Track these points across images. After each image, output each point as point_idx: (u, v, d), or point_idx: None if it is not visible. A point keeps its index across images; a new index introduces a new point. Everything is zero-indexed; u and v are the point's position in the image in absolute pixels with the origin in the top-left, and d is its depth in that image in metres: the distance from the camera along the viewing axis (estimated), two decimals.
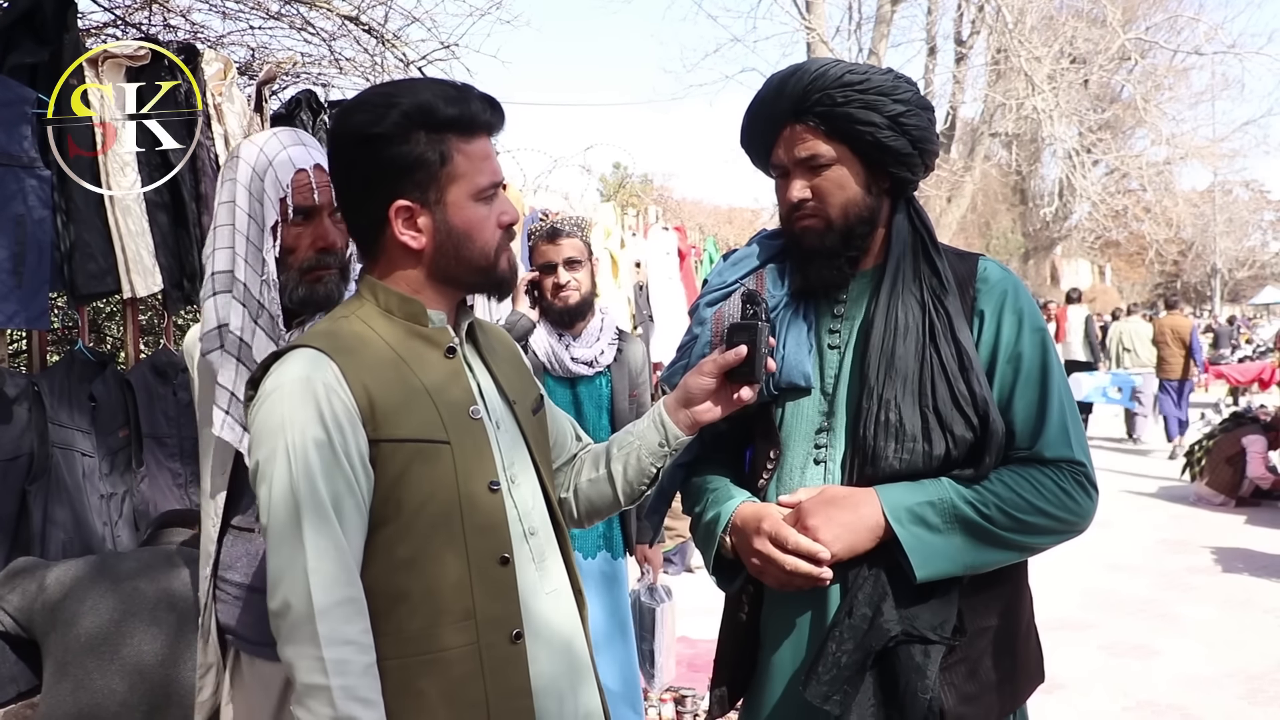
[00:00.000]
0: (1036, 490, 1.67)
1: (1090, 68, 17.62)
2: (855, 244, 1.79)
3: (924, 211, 1.86)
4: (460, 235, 1.60)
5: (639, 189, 20.62)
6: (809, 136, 1.75)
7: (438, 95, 1.57)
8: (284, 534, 1.46)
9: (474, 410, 1.61)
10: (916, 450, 1.68)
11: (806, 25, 16.00)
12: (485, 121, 1.61)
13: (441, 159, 1.56)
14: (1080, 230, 30.18)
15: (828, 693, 1.62)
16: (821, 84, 1.72)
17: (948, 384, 1.68)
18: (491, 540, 1.58)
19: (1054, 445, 1.70)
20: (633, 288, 7.77)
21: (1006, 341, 1.73)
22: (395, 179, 1.56)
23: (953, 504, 1.66)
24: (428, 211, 1.58)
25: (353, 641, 1.46)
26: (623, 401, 3.39)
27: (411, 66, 5.37)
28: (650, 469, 1.81)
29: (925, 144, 1.77)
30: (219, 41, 4.99)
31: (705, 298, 1.92)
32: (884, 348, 1.72)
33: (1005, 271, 1.82)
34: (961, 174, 19.40)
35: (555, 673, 1.65)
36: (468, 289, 1.67)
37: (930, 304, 1.73)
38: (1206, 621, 5.95)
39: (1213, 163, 21.08)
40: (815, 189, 1.76)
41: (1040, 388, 1.71)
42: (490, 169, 1.61)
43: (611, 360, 3.40)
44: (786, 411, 1.84)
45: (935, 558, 1.65)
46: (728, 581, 1.87)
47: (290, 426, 1.47)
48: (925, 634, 1.63)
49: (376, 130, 1.54)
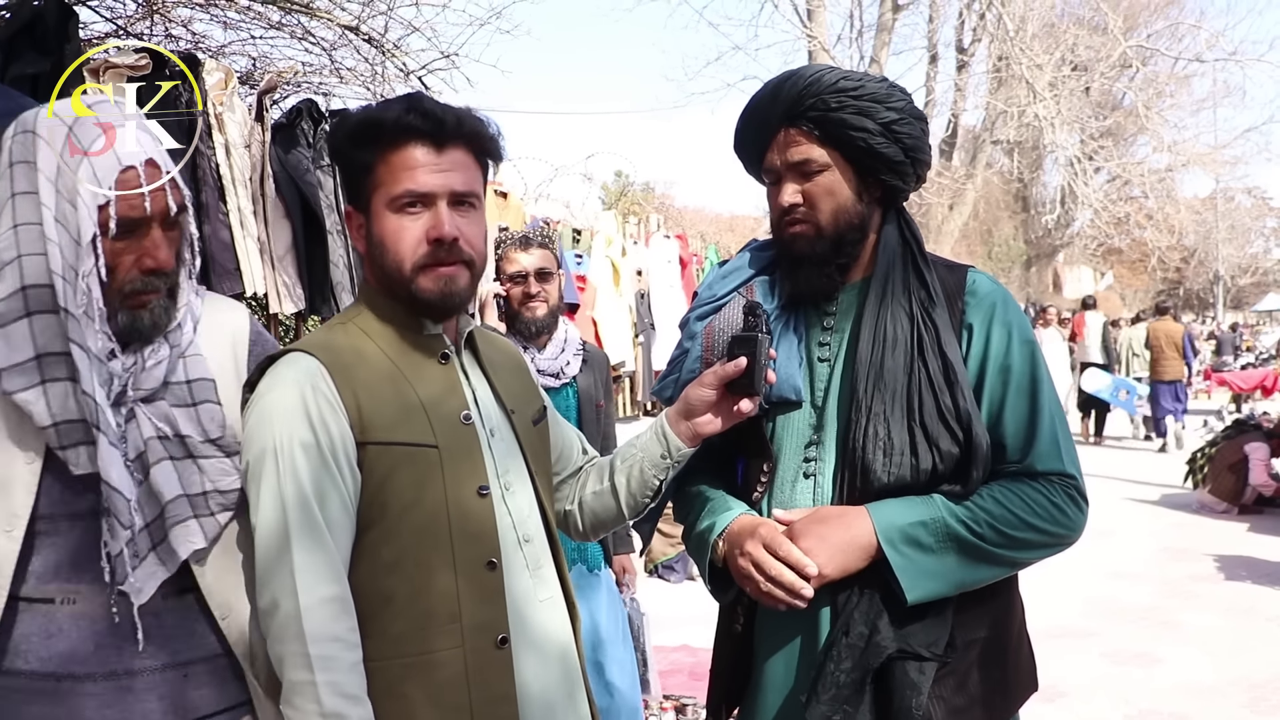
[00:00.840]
0: (1028, 506, 1.67)
1: (1092, 75, 17.65)
2: (845, 251, 1.79)
3: (914, 222, 1.86)
4: (377, 245, 1.62)
5: (640, 197, 20.64)
6: (802, 140, 1.76)
7: (385, 106, 1.61)
8: (272, 534, 1.49)
9: (465, 416, 1.63)
10: (904, 464, 1.68)
11: (808, 33, 16.05)
12: (413, 127, 1.57)
13: (366, 167, 1.60)
14: (1082, 237, 30.21)
15: (828, 712, 1.63)
16: (816, 89, 1.73)
17: (934, 398, 1.68)
18: (479, 545, 1.59)
19: (1045, 458, 1.69)
20: (634, 296, 7.78)
21: (996, 354, 1.73)
22: (346, 186, 1.67)
23: (945, 523, 1.66)
24: (361, 217, 1.64)
25: (339, 639, 1.47)
26: (590, 412, 3.34)
27: (411, 76, 5.39)
28: (654, 481, 1.82)
29: (917, 153, 1.78)
30: (220, 51, 5.02)
31: (695, 311, 1.92)
32: (872, 360, 1.72)
33: (994, 284, 1.81)
34: (963, 181, 19.42)
35: (545, 681, 1.65)
36: (401, 302, 1.63)
37: (919, 316, 1.73)
38: (1209, 629, 5.93)
39: (1215, 170, 21.09)
40: (806, 194, 1.77)
41: (1030, 400, 1.71)
42: (410, 178, 1.57)
43: (577, 371, 3.35)
44: (777, 425, 1.84)
45: (926, 579, 1.65)
46: (722, 592, 1.86)
47: (278, 428, 1.50)
48: (920, 651, 1.64)
49: (334, 142, 1.66)
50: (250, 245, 3.61)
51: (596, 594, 3.38)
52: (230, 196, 3.53)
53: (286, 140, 3.89)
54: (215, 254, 3.46)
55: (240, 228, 3.56)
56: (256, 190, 3.69)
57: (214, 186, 3.48)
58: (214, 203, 3.47)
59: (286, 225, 3.82)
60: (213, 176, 3.48)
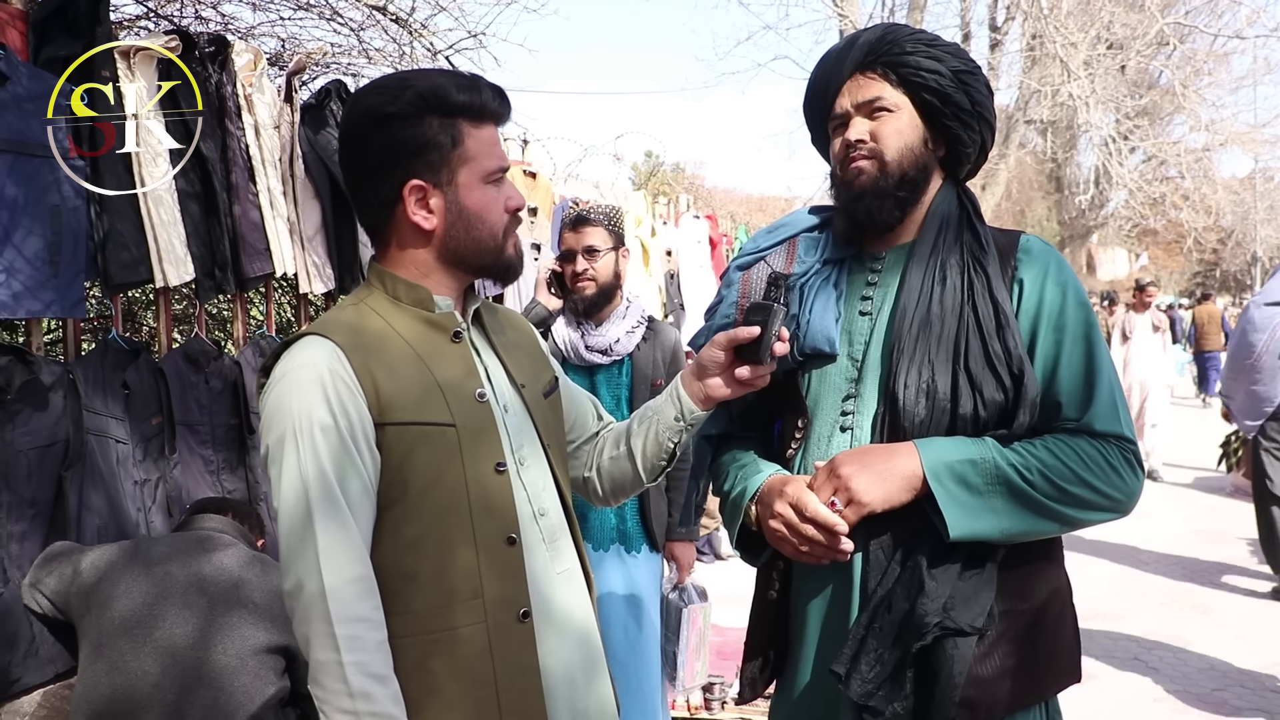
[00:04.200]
0: (1083, 461, 1.63)
1: (1128, 53, 17.36)
2: (908, 187, 1.77)
3: (972, 193, 1.85)
4: (471, 216, 1.64)
5: (670, 177, 20.55)
6: (876, 79, 1.77)
7: (450, 81, 1.62)
8: (294, 516, 1.50)
9: (480, 394, 1.64)
10: (945, 410, 1.66)
11: (839, 12, 15.87)
12: (494, 110, 1.66)
13: (453, 141, 1.61)
14: (1117, 218, 29.77)
15: (872, 690, 1.62)
16: (893, 35, 1.77)
17: (982, 342, 1.65)
18: (498, 521, 1.61)
19: (1104, 419, 1.65)
20: (664, 276, 7.77)
21: (1050, 310, 1.70)
22: (409, 159, 1.60)
23: (996, 464, 1.62)
24: (440, 192, 1.62)
25: (364, 619, 1.49)
26: (643, 391, 3.29)
27: (439, 56, 5.40)
28: (668, 444, 1.83)
29: (984, 111, 1.78)
30: (249, 33, 5.04)
31: (737, 261, 1.94)
32: (918, 307, 1.71)
33: (1048, 246, 1.79)
34: (996, 161, 19.18)
35: (567, 653, 1.67)
36: (475, 272, 1.70)
37: (969, 264, 1.72)
38: (1241, 612, 5.88)
39: (1253, 149, 20.68)
40: (874, 132, 1.77)
41: (1087, 359, 1.67)
42: (498, 154, 1.66)
43: (633, 348, 3.31)
44: (813, 380, 1.82)
45: (971, 518, 1.60)
46: (754, 555, 1.86)
47: (297, 411, 1.51)
48: (963, 627, 1.60)
49: (391, 110, 1.59)
50: (280, 226, 3.65)
51: (628, 576, 3.34)
52: (260, 177, 3.56)
53: (315, 121, 3.91)
54: (245, 234, 3.49)
55: (270, 208, 3.59)
56: (286, 171, 3.72)
57: (244, 167, 3.51)
58: (244, 183, 3.50)
59: (316, 206, 3.85)
60: (242, 157, 3.51)
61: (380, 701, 1.47)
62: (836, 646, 1.70)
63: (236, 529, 2.72)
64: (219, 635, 2.42)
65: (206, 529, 2.67)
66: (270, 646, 2.47)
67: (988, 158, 1.87)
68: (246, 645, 2.44)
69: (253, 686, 2.41)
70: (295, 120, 3.77)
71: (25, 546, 2.66)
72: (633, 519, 3.38)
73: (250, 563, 2.58)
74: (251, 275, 3.54)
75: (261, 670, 2.44)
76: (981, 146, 1.82)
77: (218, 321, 5.72)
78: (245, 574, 2.54)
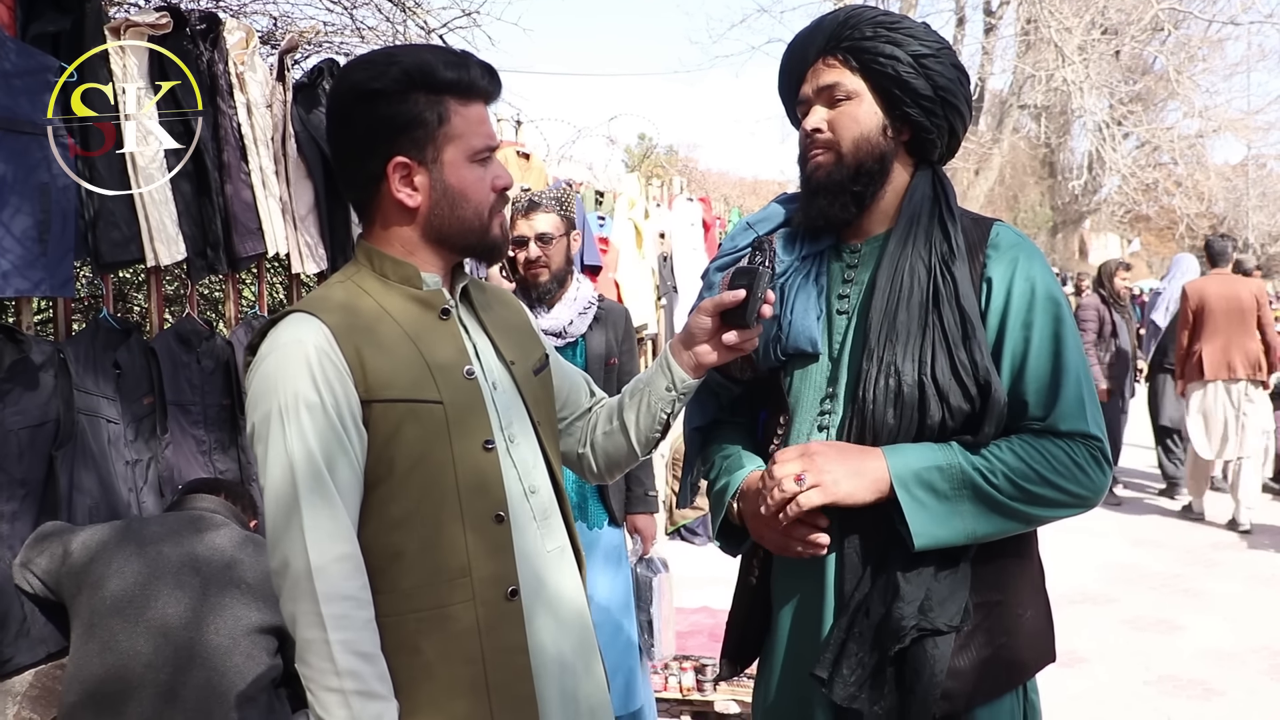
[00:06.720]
0: (1048, 463, 1.65)
1: (1122, 39, 17.34)
2: (863, 180, 1.77)
3: (948, 179, 1.83)
4: (455, 194, 1.62)
5: (664, 160, 20.51)
6: (835, 66, 1.77)
7: (438, 58, 1.60)
8: (280, 494, 1.50)
9: (468, 371, 1.63)
10: (912, 417, 1.67)
11: None
12: (482, 88, 1.63)
13: (439, 119, 1.59)
14: (1110, 204, 29.77)
15: (855, 693, 1.64)
16: (855, 20, 1.76)
17: (948, 352, 1.66)
18: (486, 499, 1.60)
19: (1069, 418, 1.67)
20: (657, 258, 7.75)
21: (1017, 309, 1.70)
22: (393, 136, 1.58)
23: (961, 469, 1.64)
24: (424, 170, 1.60)
25: (351, 597, 1.49)
26: (597, 371, 3.32)
27: (433, 35, 5.36)
28: (661, 414, 1.82)
29: (949, 95, 1.76)
30: (241, 10, 4.99)
31: (716, 261, 1.94)
32: (886, 311, 1.71)
33: (1019, 237, 1.78)
34: (989, 146, 19.20)
35: (558, 632, 1.67)
36: (460, 251, 1.69)
37: (938, 269, 1.71)
38: (1231, 597, 5.92)
39: (1246, 136, 20.71)
40: (831, 121, 1.77)
41: (1054, 358, 1.68)
42: (486, 132, 1.64)
43: (585, 329, 3.34)
44: (795, 378, 1.83)
45: (937, 524, 1.63)
46: (734, 545, 1.89)
47: (283, 389, 1.50)
48: (939, 627, 1.63)
49: (376, 86, 1.57)
50: (272, 205, 3.62)
51: (592, 553, 3.37)
52: (252, 156, 3.53)
53: (308, 100, 3.87)
54: (238, 214, 3.46)
55: (262, 187, 3.57)
56: (278, 150, 3.69)
57: (236, 146, 3.48)
58: (236, 162, 3.47)
59: (309, 185, 3.82)
60: (234, 136, 3.48)
61: (367, 679, 1.47)
62: (812, 634, 1.74)
63: (229, 509, 2.71)
64: (212, 615, 2.42)
65: (199, 509, 2.66)
66: (263, 627, 2.46)
67: (961, 141, 1.86)
68: (239, 625, 2.43)
69: (245, 666, 2.41)
70: (288, 99, 3.74)
71: (16, 526, 2.64)
72: (591, 494, 3.43)
73: (243, 543, 2.57)
74: (244, 255, 3.51)
75: (254, 650, 2.44)
76: (951, 130, 1.81)
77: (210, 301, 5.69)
78: (238, 554, 2.53)
